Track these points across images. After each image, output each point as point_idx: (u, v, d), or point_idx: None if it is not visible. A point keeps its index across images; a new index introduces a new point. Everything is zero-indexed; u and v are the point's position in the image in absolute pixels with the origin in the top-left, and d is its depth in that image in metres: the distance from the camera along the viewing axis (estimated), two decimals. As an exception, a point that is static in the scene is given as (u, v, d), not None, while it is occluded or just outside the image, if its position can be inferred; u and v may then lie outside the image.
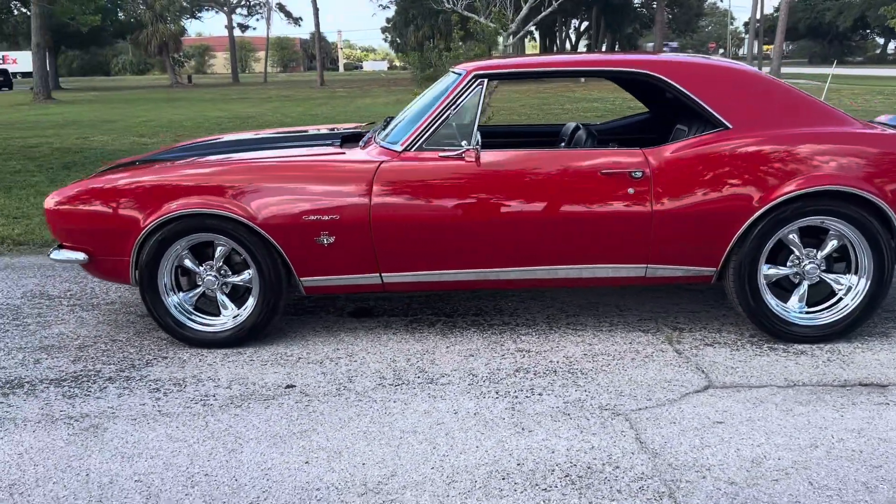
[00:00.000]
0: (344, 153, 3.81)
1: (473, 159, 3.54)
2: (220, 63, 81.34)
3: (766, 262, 3.63)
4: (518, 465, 2.65)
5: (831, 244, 3.57)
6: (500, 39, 11.83)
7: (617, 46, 50.35)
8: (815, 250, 3.60)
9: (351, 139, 4.17)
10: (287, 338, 3.89)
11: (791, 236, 3.56)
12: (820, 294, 3.64)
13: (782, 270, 3.63)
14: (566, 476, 2.57)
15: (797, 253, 3.60)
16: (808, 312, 3.65)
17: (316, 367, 3.51)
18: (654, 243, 3.52)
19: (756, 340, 3.67)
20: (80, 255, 3.79)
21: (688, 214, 3.47)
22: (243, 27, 57.82)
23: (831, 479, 2.51)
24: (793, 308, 3.65)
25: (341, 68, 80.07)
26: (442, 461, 2.68)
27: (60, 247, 3.88)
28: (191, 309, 3.80)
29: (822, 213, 3.48)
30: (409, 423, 2.96)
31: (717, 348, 3.60)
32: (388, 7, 46.45)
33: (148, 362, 3.63)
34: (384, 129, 4.06)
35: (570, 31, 57.31)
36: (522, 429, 2.90)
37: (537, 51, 63.50)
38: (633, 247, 3.55)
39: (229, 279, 3.76)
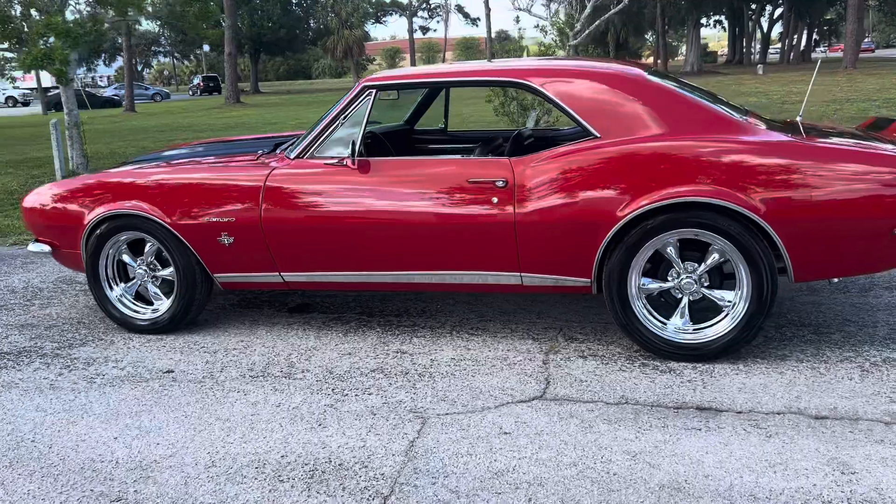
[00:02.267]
0: (255, 160, 4.10)
1: (353, 167, 3.71)
2: (409, 65, 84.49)
3: (649, 276, 3.50)
4: (281, 457, 2.83)
5: (712, 258, 3.39)
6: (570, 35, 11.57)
7: (815, 35, 46.74)
8: (697, 265, 3.43)
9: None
10: (212, 328, 4.26)
11: (668, 249, 3.42)
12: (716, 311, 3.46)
13: (660, 284, 3.49)
14: (311, 471, 2.72)
15: (676, 267, 3.45)
16: (694, 330, 3.48)
17: (207, 356, 3.85)
18: (522, 252, 3.52)
19: (636, 356, 3.56)
20: (46, 248, 4.38)
21: (550, 224, 3.44)
22: (424, 29, 59.75)
23: (554, 498, 2.47)
24: (674, 324, 3.50)
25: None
26: (224, 448, 2.92)
27: (36, 240, 4.49)
28: (131, 298, 4.27)
29: (692, 226, 3.32)
30: (231, 411, 3.22)
31: (587, 360, 3.54)
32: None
33: (85, 343, 4.14)
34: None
35: (763, 19, 53.93)
36: (319, 425, 3.06)
37: (725, 42, 60.40)
38: (501, 255, 3.57)
39: (158, 273, 4.19)
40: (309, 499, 2.54)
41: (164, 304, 4.18)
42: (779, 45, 57.81)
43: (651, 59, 49.06)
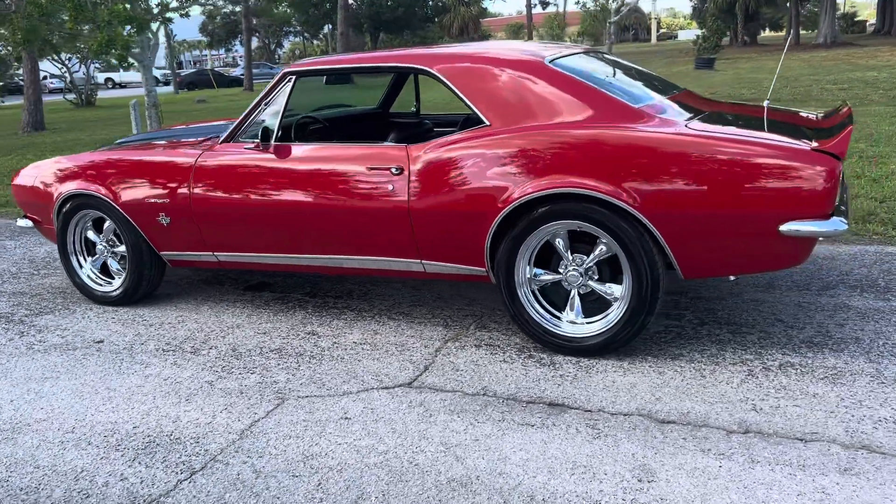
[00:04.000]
0: (194, 144, 4.30)
1: (270, 151, 3.83)
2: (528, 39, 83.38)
3: (544, 267, 3.45)
4: (133, 427, 3.02)
5: (599, 250, 3.30)
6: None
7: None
8: (585, 257, 3.35)
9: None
10: (166, 302, 4.53)
11: (558, 240, 3.35)
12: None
13: (552, 276, 3.43)
14: (148, 443, 2.89)
15: (565, 259, 3.38)
16: (582, 324, 3.41)
17: (142, 329, 4.10)
18: (418, 240, 3.54)
19: (529, 348, 3.52)
20: (29, 223, 4.77)
21: (440, 213, 3.44)
22: (544, 4, 58.80)
23: (342, 484, 2.53)
24: (567, 317, 3.43)
25: (653, 39, 77.64)
26: (92, 417, 3.13)
27: (24, 216, 4.90)
28: (96, 272, 4.59)
29: (573, 217, 3.24)
30: (123, 383, 3.44)
31: (479, 350, 3.53)
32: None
33: (51, 311, 4.49)
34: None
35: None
36: (187, 400, 3.23)
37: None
38: (400, 242, 3.60)
39: (116, 249, 4.48)
40: (127, 468, 2.70)
41: (119, 279, 4.46)
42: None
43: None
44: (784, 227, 2.91)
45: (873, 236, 4.94)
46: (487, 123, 3.39)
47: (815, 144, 2.93)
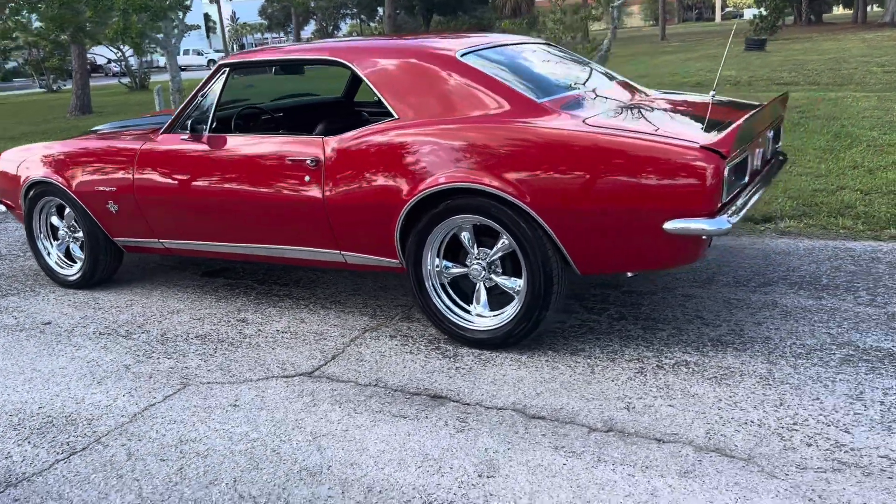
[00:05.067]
0: (140, 134, 4.44)
1: (202, 142, 3.95)
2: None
3: (454, 261, 3.49)
4: (39, 408, 3.17)
5: (501, 244, 3.31)
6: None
7: None
8: (490, 251, 3.37)
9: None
10: (126, 286, 4.70)
11: (464, 234, 3.38)
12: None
13: (458, 269, 3.46)
14: (45, 423, 3.04)
15: (469, 252, 3.41)
16: (487, 317, 3.44)
17: (90, 312, 4.28)
18: (335, 231, 3.61)
19: (439, 341, 3.55)
20: (2, 207, 5.01)
21: (351, 205, 3.50)
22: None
23: (201, 469, 2.63)
24: (476, 310, 3.46)
25: (717, 18, 75.53)
26: (8, 397, 3.30)
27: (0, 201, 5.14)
28: (61, 255, 4.80)
29: (471, 212, 3.26)
30: (48, 364, 3.61)
31: (391, 341, 3.59)
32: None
33: (17, 293, 4.72)
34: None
35: None
36: (98, 383, 3.37)
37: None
38: (319, 233, 3.67)
39: (76, 234, 4.67)
40: (16, 447, 2.86)
41: (79, 264, 4.65)
42: None
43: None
44: (668, 225, 2.87)
45: (840, 230, 4.81)
46: (395, 116, 3.42)
47: (703, 141, 2.88)
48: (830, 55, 18.90)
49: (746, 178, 3.22)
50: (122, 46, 28.60)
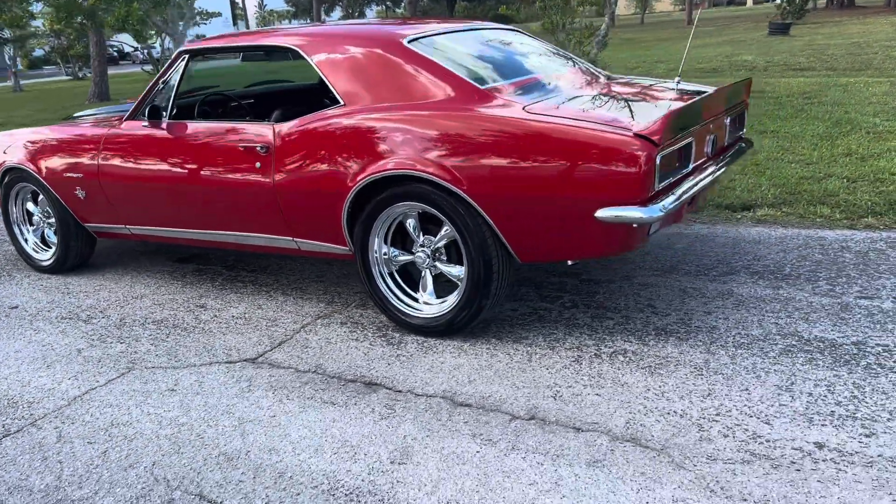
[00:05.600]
0: (107, 121, 4.48)
1: (161, 128, 3.98)
2: (622, 5, 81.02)
3: (403, 248, 3.49)
4: (-15, 390, 3.23)
5: (443, 231, 3.31)
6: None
7: None
8: (433, 238, 3.37)
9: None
10: (99, 271, 4.77)
11: (409, 221, 3.38)
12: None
13: (405, 257, 3.46)
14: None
15: (415, 240, 3.40)
16: (432, 304, 3.44)
17: (59, 296, 4.35)
18: (286, 218, 3.63)
19: (387, 328, 3.56)
20: (-9, 192, 5.09)
21: (300, 191, 3.51)
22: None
23: (125, 452, 2.67)
24: (422, 298, 3.46)
25: (749, 2, 74.14)
26: (-39, 378, 3.37)
27: (-20, 186, 5.21)
28: (37, 240, 4.87)
29: (415, 199, 3.25)
30: (5, 347, 3.67)
31: (341, 328, 3.60)
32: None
33: (-6, 278, 4.80)
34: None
35: None
36: (48, 367, 3.43)
37: None
38: (272, 220, 3.69)
39: (50, 220, 4.74)
40: (-47, 429, 2.91)
41: (52, 249, 4.73)
42: None
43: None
44: (599, 213, 2.84)
45: (817, 219, 4.72)
46: (342, 103, 3.41)
47: (636, 129, 2.84)
48: (854, 40, 18.50)
49: (691, 166, 3.16)
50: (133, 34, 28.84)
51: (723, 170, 3.44)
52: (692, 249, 4.32)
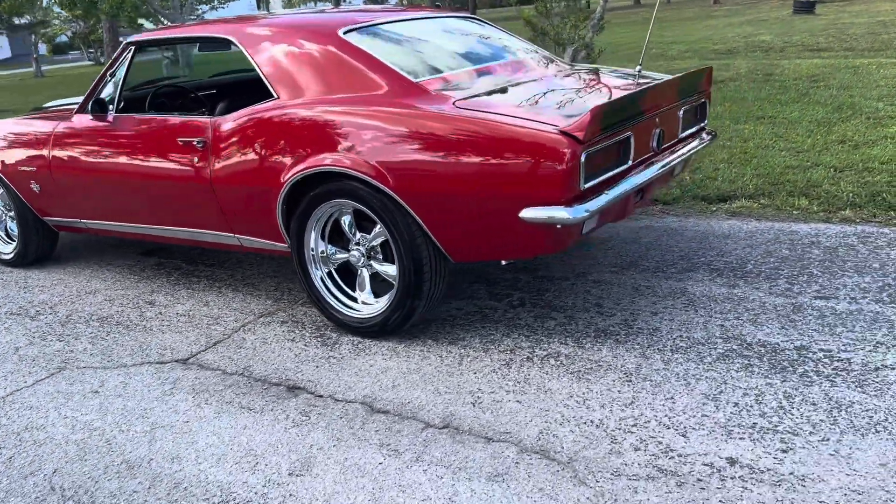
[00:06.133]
0: (62, 115, 4.43)
1: (107, 121, 3.92)
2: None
3: (340, 246, 3.40)
4: (-86, 390, 3.21)
5: (377, 229, 3.21)
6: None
7: None
8: (368, 236, 3.28)
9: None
10: (62, 265, 4.74)
11: (344, 219, 3.29)
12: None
13: (342, 255, 3.38)
14: (-88, 406, 3.07)
15: (350, 238, 3.31)
16: (369, 304, 3.35)
17: (13, 291, 4.33)
18: (225, 214, 3.56)
19: (326, 328, 3.48)
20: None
21: (235, 187, 3.43)
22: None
23: (29, 459, 2.62)
24: (361, 297, 3.38)
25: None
26: None
27: (-49, 180, 5.21)
28: (1, 234, 4.86)
29: (346, 196, 3.16)
30: (-52, 344, 3.65)
31: (280, 327, 3.53)
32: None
33: (-41, 272, 4.80)
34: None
35: None
36: (-17, 365, 3.40)
37: None
38: (211, 215, 3.62)
39: (11, 214, 4.72)
40: None
41: (14, 243, 4.71)
42: None
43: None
44: (523, 213, 2.73)
45: (794, 211, 4.55)
46: (276, 97, 3.32)
47: (563, 125, 2.71)
48: (880, 18, 17.97)
49: (630, 161, 3.03)
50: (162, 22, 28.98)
51: (676, 164, 3.30)
52: (658, 244, 4.18)
